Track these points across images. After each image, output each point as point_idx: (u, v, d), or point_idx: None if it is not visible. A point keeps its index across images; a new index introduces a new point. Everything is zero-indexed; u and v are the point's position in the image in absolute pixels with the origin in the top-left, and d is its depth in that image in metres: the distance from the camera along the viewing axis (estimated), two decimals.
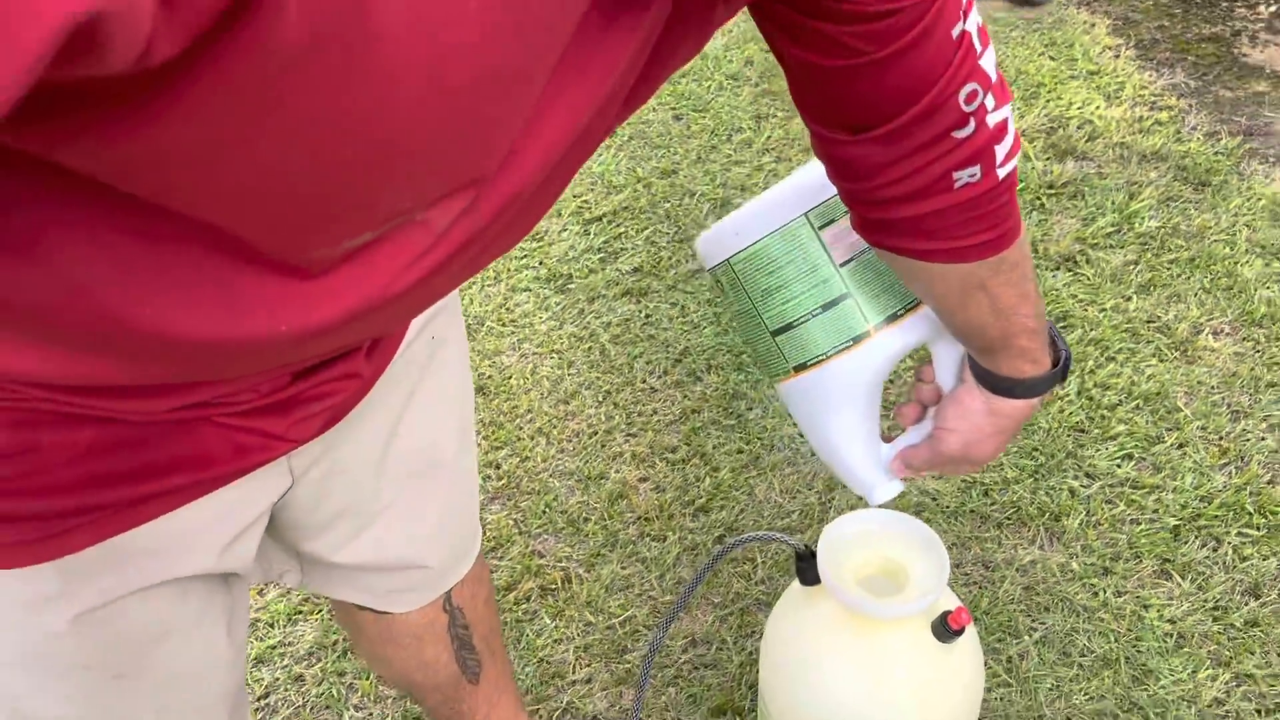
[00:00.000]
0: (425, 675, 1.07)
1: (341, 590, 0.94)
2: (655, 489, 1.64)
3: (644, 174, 2.25)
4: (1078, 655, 1.39)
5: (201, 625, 0.73)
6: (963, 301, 0.76)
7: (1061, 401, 1.70)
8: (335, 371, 0.67)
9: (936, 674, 1.07)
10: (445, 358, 0.86)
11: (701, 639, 1.44)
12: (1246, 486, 1.56)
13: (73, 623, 0.64)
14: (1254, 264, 1.90)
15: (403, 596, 0.97)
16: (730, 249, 0.86)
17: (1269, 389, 1.69)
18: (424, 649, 1.04)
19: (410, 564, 0.93)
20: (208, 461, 0.62)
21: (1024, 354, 0.80)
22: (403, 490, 0.87)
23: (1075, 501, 1.56)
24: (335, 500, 0.81)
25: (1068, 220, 2.04)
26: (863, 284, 0.85)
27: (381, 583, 0.94)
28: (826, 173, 0.75)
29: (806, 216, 0.84)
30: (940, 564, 1.03)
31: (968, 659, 1.09)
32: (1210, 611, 1.42)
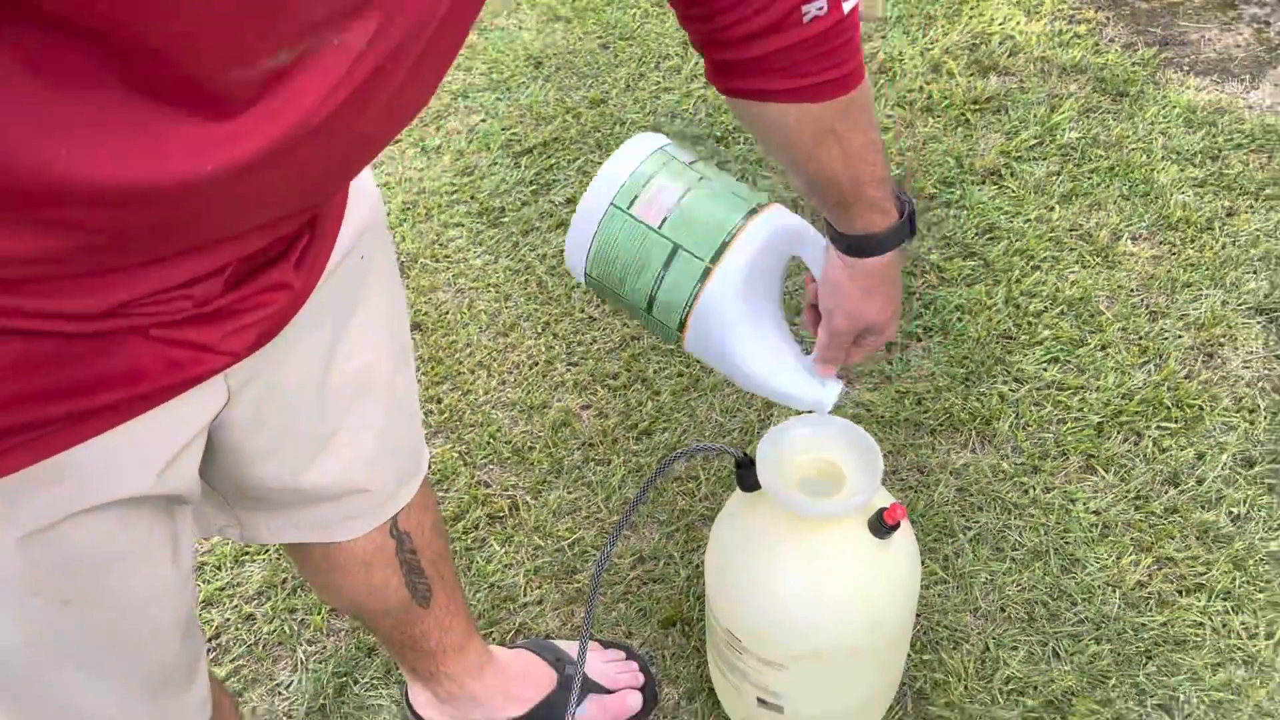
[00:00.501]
0: (375, 601, 1.09)
1: (285, 533, 0.95)
2: (598, 415, 1.66)
3: (573, 104, 2.23)
4: (1009, 550, 1.45)
5: (147, 552, 0.74)
6: (815, 150, 0.79)
7: (989, 311, 1.74)
8: (266, 281, 0.67)
9: (874, 569, 1.11)
10: (376, 277, 0.86)
11: (649, 555, 1.48)
12: (1165, 382, 1.62)
13: (17, 545, 0.64)
14: (1169, 170, 1.95)
15: (348, 524, 0.97)
16: (579, 265, 0.95)
17: (1185, 289, 1.75)
18: (372, 575, 1.05)
19: (355, 489, 0.94)
20: (139, 377, 0.62)
21: (874, 205, 0.83)
22: (343, 413, 0.88)
23: (1005, 405, 1.61)
24: (275, 423, 0.81)
25: (992, 135, 2.07)
26: (685, 233, 0.90)
27: (326, 513, 0.94)
28: (678, 18, 0.77)
29: (614, 205, 0.91)
30: (874, 463, 1.07)
31: (904, 554, 1.14)
32: (1133, 501, 1.48)
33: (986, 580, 1.42)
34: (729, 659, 1.19)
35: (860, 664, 1.17)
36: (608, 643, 1.37)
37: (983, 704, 1.30)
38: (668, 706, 1.33)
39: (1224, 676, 1.30)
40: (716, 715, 1.31)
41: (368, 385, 0.89)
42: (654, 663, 1.37)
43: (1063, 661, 1.33)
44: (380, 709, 1.34)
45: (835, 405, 1.00)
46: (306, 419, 0.85)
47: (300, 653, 1.40)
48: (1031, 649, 1.35)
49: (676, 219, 0.90)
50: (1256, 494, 1.48)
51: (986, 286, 1.79)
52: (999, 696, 1.31)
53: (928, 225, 1.90)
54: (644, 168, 0.92)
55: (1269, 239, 1.82)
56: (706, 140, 2.11)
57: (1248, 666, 1.31)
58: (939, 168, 2.00)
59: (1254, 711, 1.27)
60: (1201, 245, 1.82)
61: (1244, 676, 1.30)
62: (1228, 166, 1.96)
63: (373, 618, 1.13)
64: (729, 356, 0.93)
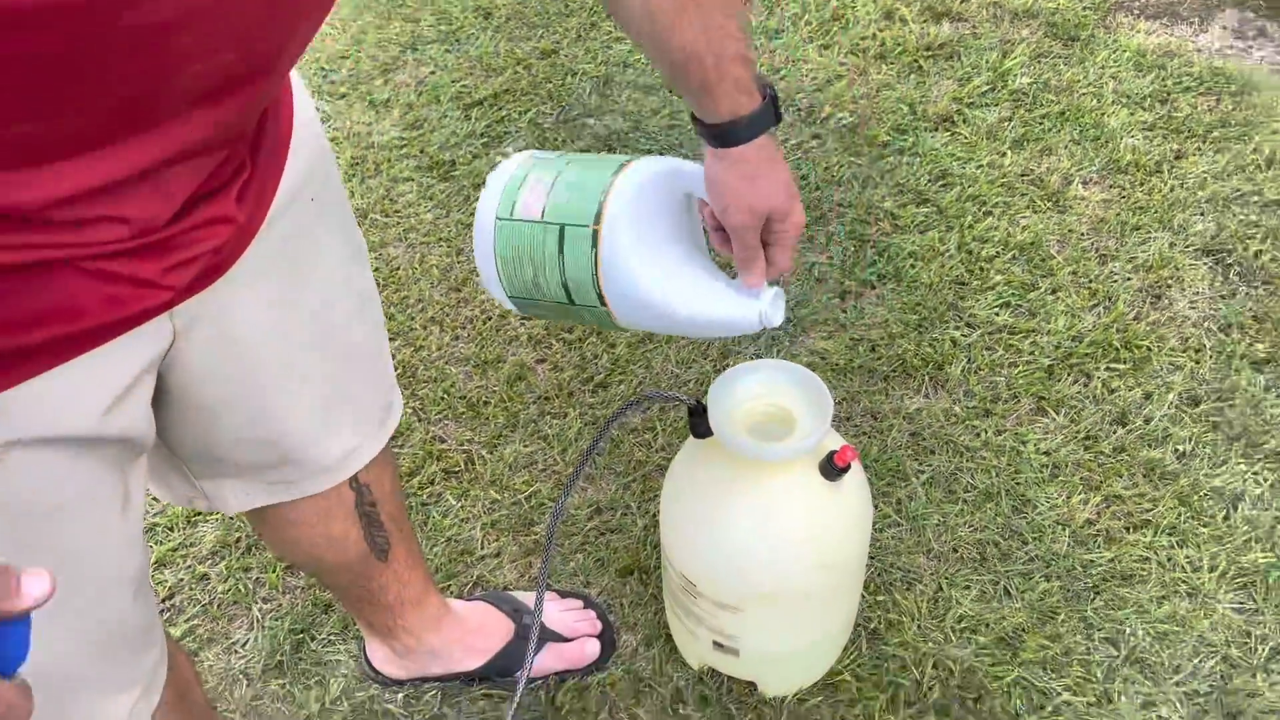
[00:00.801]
0: (334, 553, 1.08)
1: (253, 497, 0.94)
2: (553, 369, 1.66)
3: (523, 55, 2.20)
4: (962, 492, 1.46)
5: (94, 501, 0.72)
6: (676, 20, 0.79)
7: (942, 257, 1.75)
8: (207, 214, 0.65)
9: (826, 512, 1.12)
10: (328, 222, 0.84)
11: (606, 506, 1.48)
12: (1114, 324, 1.64)
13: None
14: (1120, 114, 1.96)
15: (315, 479, 0.96)
16: (500, 294, 0.98)
17: (1133, 232, 1.77)
18: (331, 526, 1.04)
19: (314, 441, 0.92)
20: (78, 314, 0.60)
21: (739, 84, 0.82)
22: (298, 363, 0.86)
23: (957, 350, 1.63)
24: (228, 371, 0.80)
25: (945, 81, 2.07)
26: (565, 211, 0.91)
27: (289, 473, 0.93)
28: None
29: (498, 219, 0.94)
30: (824, 407, 1.07)
31: (855, 497, 1.14)
32: (1082, 442, 1.50)
33: (939, 522, 1.43)
34: (685, 604, 1.20)
35: (814, 605, 1.18)
36: (565, 592, 1.38)
37: (936, 642, 1.32)
38: (626, 653, 1.33)
39: (1169, 609, 1.33)
40: (674, 660, 1.32)
41: (325, 334, 0.88)
42: (612, 611, 1.37)
43: (1014, 599, 1.36)
44: (338, 664, 1.34)
45: (783, 316, 0.94)
46: (261, 368, 0.83)
47: (256, 611, 1.39)
48: (983, 588, 1.37)
49: (554, 204, 0.92)
50: (1201, 431, 1.50)
51: (939, 233, 1.79)
52: (951, 635, 1.33)
53: (881, 173, 1.90)
54: (515, 174, 0.95)
55: (1216, 181, 1.84)
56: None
57: (1191, 599, 1.34)
58: (892, 115, 2.00)
59: (1197, 642, 1.30)
60: (1150, 188, 1.84)
61: (1188, 608, 1.33)
62: (1176, 110, 1.97)
63: (331, 571, 1.13)
64: (654, 307, 0.91)
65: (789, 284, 1.71)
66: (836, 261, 1.76)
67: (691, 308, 0.92)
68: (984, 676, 1.29)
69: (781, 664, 1.25)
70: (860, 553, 1.18)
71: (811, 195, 1.86)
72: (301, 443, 0.91)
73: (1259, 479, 1.45)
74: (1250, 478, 1.45)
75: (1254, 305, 1.65)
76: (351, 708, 1.31)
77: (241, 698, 1.32)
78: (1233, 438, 1.49)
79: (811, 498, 1.11)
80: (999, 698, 1.27)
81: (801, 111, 2.02)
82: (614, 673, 1.31)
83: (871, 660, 1.31)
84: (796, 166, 1.91)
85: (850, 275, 1.74)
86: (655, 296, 0.90)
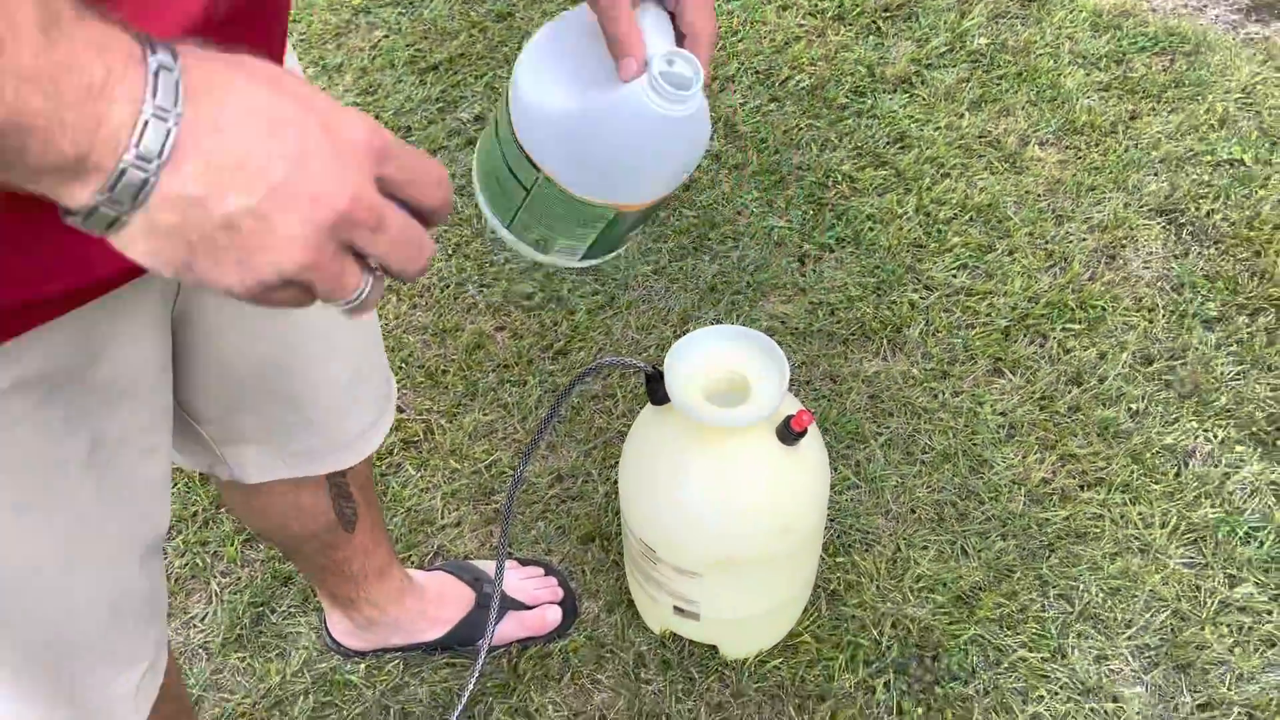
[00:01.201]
0: (302, 524, 1.07)
1: (275, 469, 0.92)
2: (513, 336, 1.65)
3: (478, 18, 2.16)
4: (920, 453, 1.48)
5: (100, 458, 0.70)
6: None
7: (900, 220, 1.75)
8: None
9: (783, 476, 1.13)
10: None
11: (567, 474, 1.48)
12: (1069, 285, 1.65)
13: None
14: (1076, 75, 1.97)
15: (337, 456, 0.95)
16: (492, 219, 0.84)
17: (1089, 193, 1.78)
18: (301, 495, 1.03)
19: (343, 413, 0.92)
20: (90, 266, 0.58)
21: None
22: (328, 328, 0.85)
23: (915, 313, 1.63)
24: (256, 325, 0.78)
25: (903, 43, 2.06)
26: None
27: (314, 444, 0.92)
28: None
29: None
30: (780, 371, 1.07)
31: (812, 460, 1.15)
32: (1038, 402, 1.52)
33: (897, 484, 1.45)
34: (645, 570, 1.21)
35: (772, 569, 1.19)
36: (526, 560, 1.38)
37: (894, 602, 1.34)
38: (588, 619, 1.34)
39: (1121, 565, 1.36)
40: (636, 625, 1.33)
41: None
42: (573, 578, 1.38)
43: (970, 559, 1.37)
44: (298, 636, 1.34)
45: (694, 105, 0.73)
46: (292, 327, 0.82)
47: (214, 584, 1.38)
48: (941, 548, 1.38)
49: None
50: (1154, 390, 1.52)
51: (897, 195, 1.79)
52: (910, 594, 1.34)
53: (840, 136, 1.89)
54: None
55: (1170, 141, 1.85)
56: None
57: (1143, 555, 1.37)
58: (850, 77, 1.99)
59: (1149, 596, 1.33)
60: (1105, 149, 1.85)
61: (1140, 564, 1.36)
62: (1131, 70, 1.98)
63: (297, 542, 1.12)
64: (554, 119, 0.76)
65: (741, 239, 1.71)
66: (795, 225, 1.76)
67: (586, 101, 0.76)
68: (941, 634, 1.31)
69: (742, 627, 1.26)
70: (819, 516, 1.19)
71: (770, 159, 1.86)
72: (327, 414, 0.90)
73: (1209, 436, 1.47)
74: (1201, 434, 1.47)
75: (1205, 265, 1.67)
76: (313, 679, 1.31)
77: (201, 672, 1.31)
78: (1184, 395, 1.52)
79: (769, 462, 1.11)
80: (956, 655, 1.29)
81: (760, 74, 2.00)
82: (576, 639, 1.32)
83: (831, 621, 1.32)
84: (756, 130, 1.90)
85: (809, 239, 1.74)
86: (553, 105, 0.76)
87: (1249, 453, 1.45)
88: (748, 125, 1.92)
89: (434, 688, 1.29)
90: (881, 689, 1.27)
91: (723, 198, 1.80)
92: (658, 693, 1.28)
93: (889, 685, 1.27)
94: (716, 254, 1.73)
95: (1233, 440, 1.46)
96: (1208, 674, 1.27)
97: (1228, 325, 1.59)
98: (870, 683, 1.27)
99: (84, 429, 0.68)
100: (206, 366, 0.80)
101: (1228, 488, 1.42)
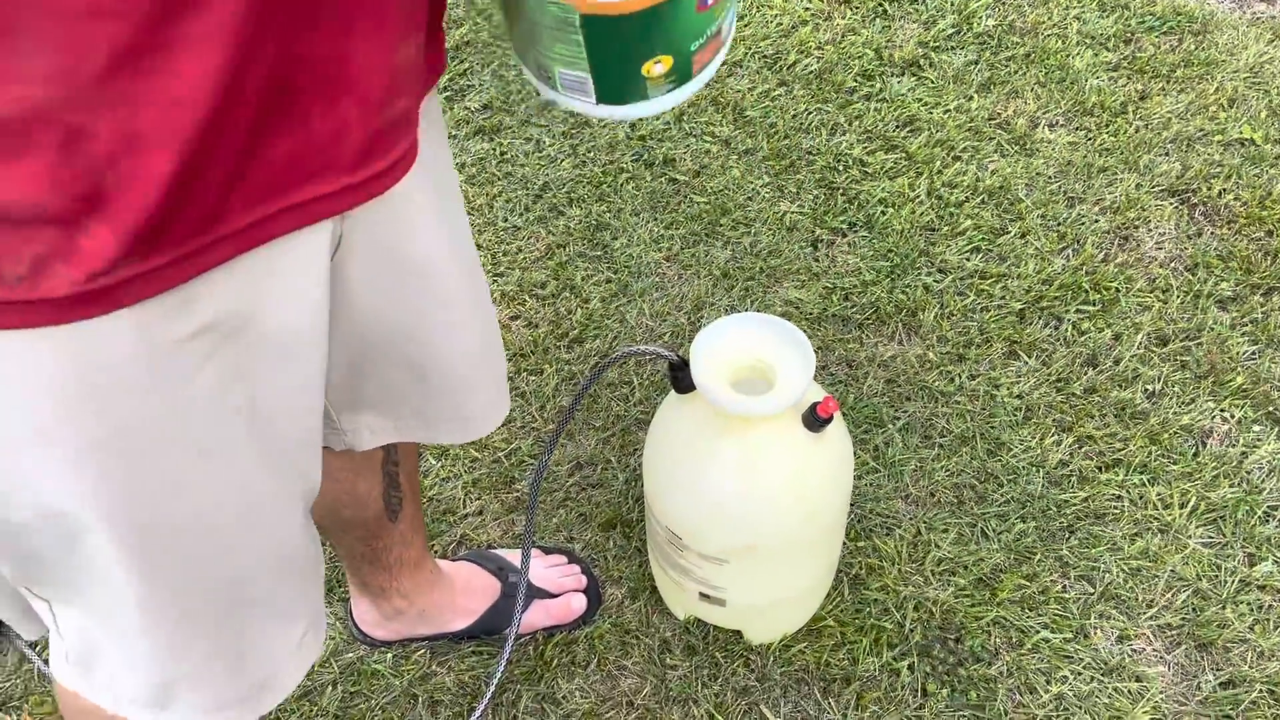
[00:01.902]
0: (354, 511, 1.07)
1: (385, 434, 0.90)
2: (528, 325, 1.65)
3: (483, 4, 2.15)
4: (938, 437, 1.48)
5: (274, 408, 0.71)
6: None
7: (912, 203, 1.75)
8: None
9: (808, 463, 1.13)
10: (435, 132, 0.80)
11: (587, 461, 1.48)
12: (1082, 267, 1.65)
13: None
14: (1084, 55, 1.97)
15: (451, 426, 0.92)
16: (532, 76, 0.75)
17: (1100, 174, 1.78)
18: (358, 482, 1.04)
19: (469, 387, 0.90)
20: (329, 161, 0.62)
21: None
22: (461, 298, 0.84)
23: (929, 296, 1.64)
24: (391, 284, 0.77)
25: (910, 25, 2.06)
26: None
27: (430, 409, 0.89)
28: None
29: None
30: (806, 360, 1.08)
31: (837, 446, 1.16)
32: (1054, 384, 1.53)
33: (916, 467, 1.45)
34: (671, 557, 1.21)
35: (797, 554, 1.20)
36: (550, 548, 1.38)
37: (916, 585, 1.35)
38: (611, 606, 1.35)
39: (1141, 545, 1.37)
40: (660, 611, 1.33)
41: (472, 271, 0.86)
42: (596, 565, 1.38)
43: (990, 541, 1.38)
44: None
45: None
46: (427, 291, 0.80)
47: None
48: (961, 531, 1.39)
49: None
50: (1170, 370, 1.53)
51: (909, 179, 1.79)
52: (931, 578, 1.35)
53: (849, 120, 1.89)
54: None
55: (1180, 120, 1.85)
56: None
57: (1163, 535, 1.38)
58: (858, 60, 1.99)
59: (1169, 577, 1.34)
60: (1116, 130, 1.85)
61: (1159, 544, 1.37)
62: (1140, 50, 1.98)
63: (343, 528, 1.12)
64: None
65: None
66: (807, 210, 1.76)
67: None
68: (964, 617, 1.32)
69: (767, 612, 1.27)
70: (842, 502, 1.20)
71: (780, 144, 1.86)
72: (452, 385, 0.88)
73: (1226, 415, 1.48)
74: (1218, 414, 1.48)
75: (1219, 244, 1.68)
76: (340, 669, 1.31)
77: None
78: (1200, 375, 1.52)
79: (795, 449, 1.12)
80: (979, 637, 1.30)
81: (768, 59, 2.00)
82: (601, 625, 1.33)
83: (854, 605, 1.33)
84: (765, 115, 1.90)
85: (821, 224, 1.74)
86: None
87: (1266, 432, 1.46)
88: (756, 110, 1.91)
89: (461, 676, 1.30)
90: (906, 671, 1.28)
91: (734, 184, 1.80)
92: (683, 677, 1.29)
93: (913, 668, 1.28)
94: (729, 240, 1.73)
95: (1249, 420, 1.47)
96: (1229, 652, 1.28)
97: (1242, 305, 1.60)
98: (894, 665, 1.28)
99: (249, 382, 0.67)
100: (339, 328, 0.77)
101: (1245, 467, 1.43)
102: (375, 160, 0.67)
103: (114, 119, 0.53)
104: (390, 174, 0.69)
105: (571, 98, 0.71)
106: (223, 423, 0.67)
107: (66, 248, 0.55)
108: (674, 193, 1.80)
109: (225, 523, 0.71)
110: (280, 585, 0.78)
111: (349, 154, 0.64)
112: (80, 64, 0.51)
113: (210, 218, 0.60)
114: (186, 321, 0.62)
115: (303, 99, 0.60)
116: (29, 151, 0.52)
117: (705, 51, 0.70)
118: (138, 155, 0.54)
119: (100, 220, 0.55)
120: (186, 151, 0.55)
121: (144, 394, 0.63)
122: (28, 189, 0.53)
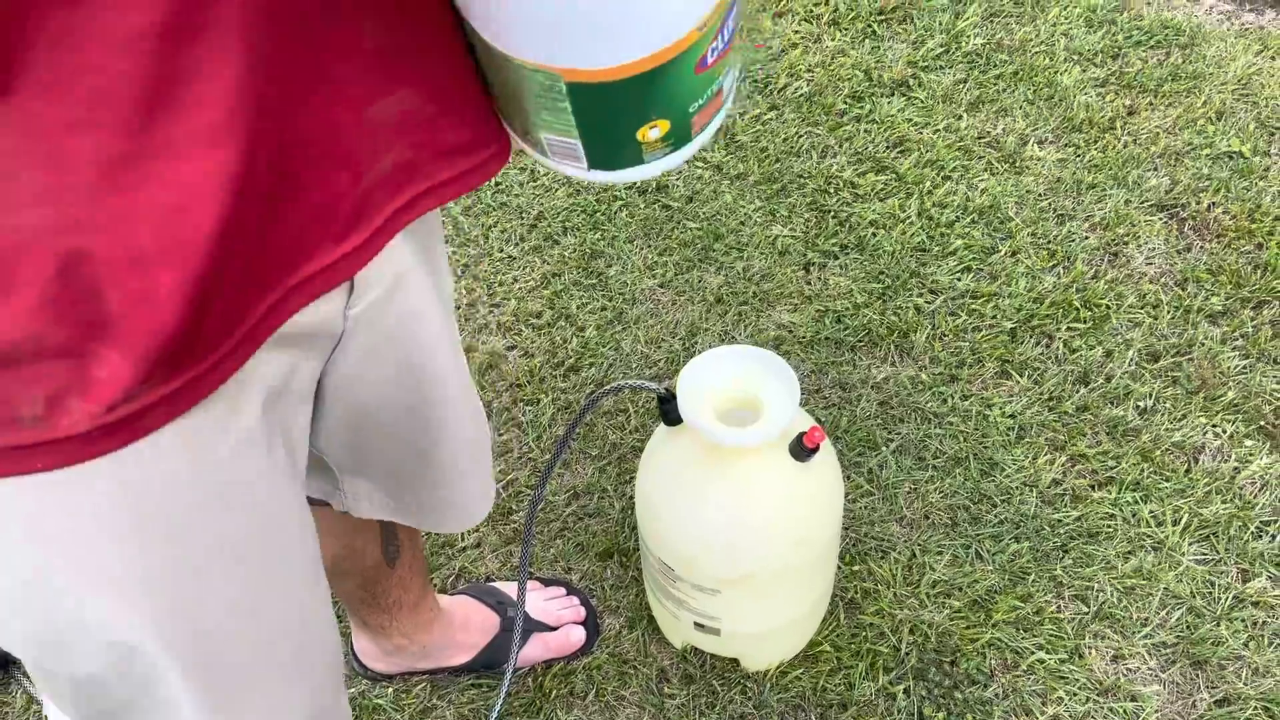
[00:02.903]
0: (351, 562, 1.09)
1: (384, 511, 0.88)
2: (524, 355, 1.67)
3: None
4: (931, 458, 1.49)
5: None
6: None
7: (903, 224, 1.77)
8: None
9: (797, 491, 1.14)
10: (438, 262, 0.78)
11: (583, 490, 1.50)
12: (1073, 284, 1.66)
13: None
14: (1072, 72, 1.98)
15: (444, 515, 0.91)
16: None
17: (1089, 190, 1.79)
18: (355, 538, 1.05)
19: (464, 473, 0.88)
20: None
21: None
22: (458, 381, 0.82)
23: (921, 317, 1.65)
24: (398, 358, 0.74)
25: (899, 45, 2.08)
26: None
27: (426, 497, 0.88)
28: None
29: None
30: (791, 390, 1.09)
31: (825, 474, 1.17)
32: (1046, 403, 1.54)
33: (910, 489, 1.46)
34: (665, 587, 1.22)
35: (790, 582, 1.21)
36: (548, 580, 1.40)
37: (911, 608, 1.36)
38: (610, 636, 1.36)
39: (1135, 564, 1.37)
40: (657, 641, 1.35)
41: (458, 356, 0.82)
42: (594, 595, 1.40)
43: (985, 562, 1.39)
44: None
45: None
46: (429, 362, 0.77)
47: None
48: (955, 552, 1.40)
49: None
50: (1161, 387, 1.54)
51: (899, 200, 1.81)
52: (926, 600, 1.36)
53: (839, 142, 1.91)
54: None
55: (1168, 135, 1.86)
56: None
57: (1157, 552, 1.38)
58: (848, 82, 2.00)
59: (1164, 594, 1.35)
60: (1104, 145, 1.86)
61: (1153, 562, 1.37)
62: (1127, 65, 1.99)
63: (341, 577, 1.13)
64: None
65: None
66: (799, 233, 1.77)
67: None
68: (959, 639, 1.32)
69: (762, 640, 1.28)
70: (833, 528, 1.21)
71: (771, 167, 1.87)
72: (452, 472, 0.86)
73: (1218, 431, 1.49)
74: (1209, 430, 1.49)
75: (1208, 259, 1.68)
76: None
77: None
78: (1191, 391, 1.53)
79: (783, 479, 1.13)
80: (974, 659, 1.31)
81: (758, 83, 2.02)
82: (599, 656, 1.34)
83: (850, 629, 1.34)
84: (756, 139, 1.92)
85: (813, 247, 1.76)
86: None
87: (1258, 446, 1.46)
88: (747, 135, 1.93)
89: (461, 709, 1.31)
90: (902, 695, 1.29)
91: (726, 209, 1.82)
92: (681, 706, 1.30)
93: (909, 691, 1.29)
94: (722, 265, 1.75)
95: (1241, 435, 1.48)
96: (1224, 669, 1.28)
97: (1232, 319, 1.61)
98: (891, 689, 1.29)
99: (285, 440, 0.66)
100: (340, 405, 0.75)
101: (1238, 482, 1.43)
102: (373, 216, 0.63)
103: (111, 236, 0.49)
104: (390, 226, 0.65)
105: (561, 163, 0.67)
106: (284, 504, 0.66)
107: (79, 381, 0.52)
108: (667, 219, 1.82)
109: (308, 611, 0.71)
110: (339, 697, 0.79)
111: (343, 217, 0.61)
112: (66, 179, 0.48)
113: (232, 319, 0.56)
114: (238, 417, 0.60)
115: (302, 177, 0.57)
116: (23, 284, 0.49)
117: (704, 113, 0.66)
118: (141, 273, 0.50)
119: (110, 347, 0.51)
120: (195, 263, 0.51)
121: (212, 510, 0.60)
122: (25, 324, 0.50)
